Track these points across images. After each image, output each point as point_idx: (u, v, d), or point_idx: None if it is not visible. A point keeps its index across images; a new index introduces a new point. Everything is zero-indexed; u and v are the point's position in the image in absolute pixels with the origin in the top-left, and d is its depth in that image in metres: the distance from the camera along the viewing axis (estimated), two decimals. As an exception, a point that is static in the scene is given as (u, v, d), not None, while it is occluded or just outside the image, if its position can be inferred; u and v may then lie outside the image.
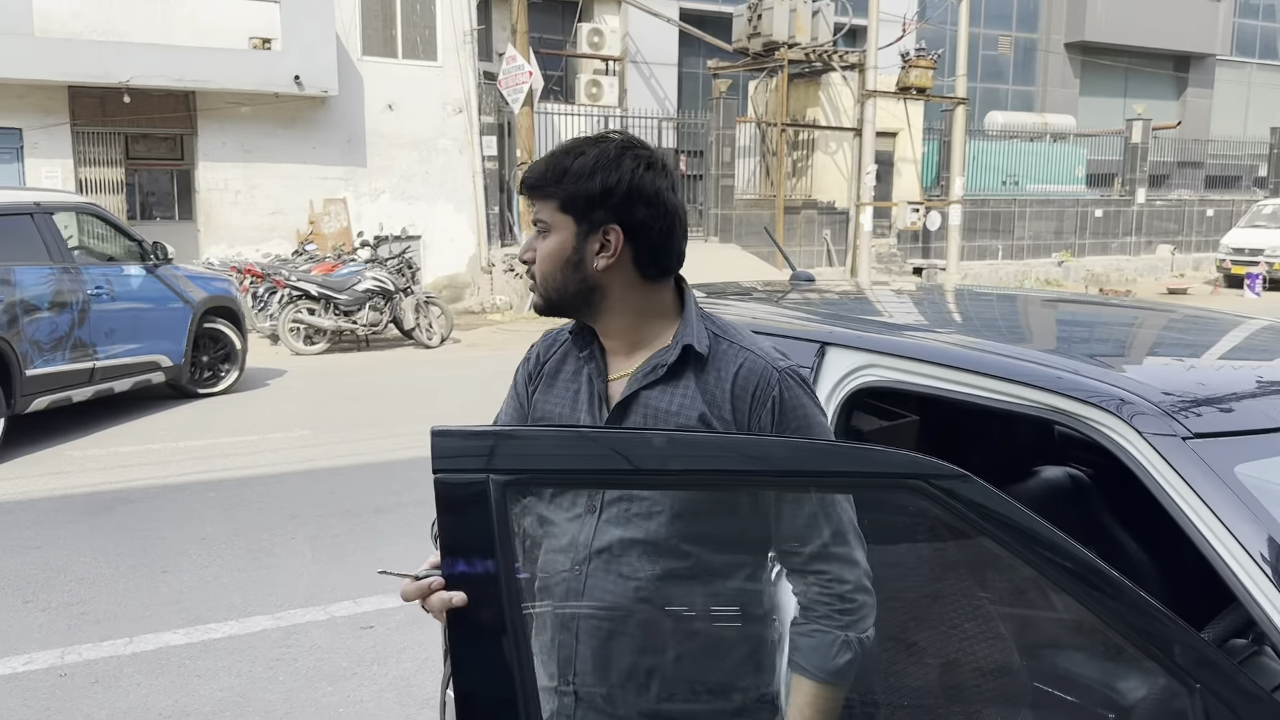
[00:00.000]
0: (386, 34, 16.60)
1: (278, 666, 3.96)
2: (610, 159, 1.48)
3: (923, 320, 2.63)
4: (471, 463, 1.19)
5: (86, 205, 8.54)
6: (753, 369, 1.48)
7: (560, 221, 1.49)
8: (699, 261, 17.50)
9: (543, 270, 1.51)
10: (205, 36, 14.84)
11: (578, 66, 21.18)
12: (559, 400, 1.58)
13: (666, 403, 1.49)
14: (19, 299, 7.17)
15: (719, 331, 1.53)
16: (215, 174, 15.70)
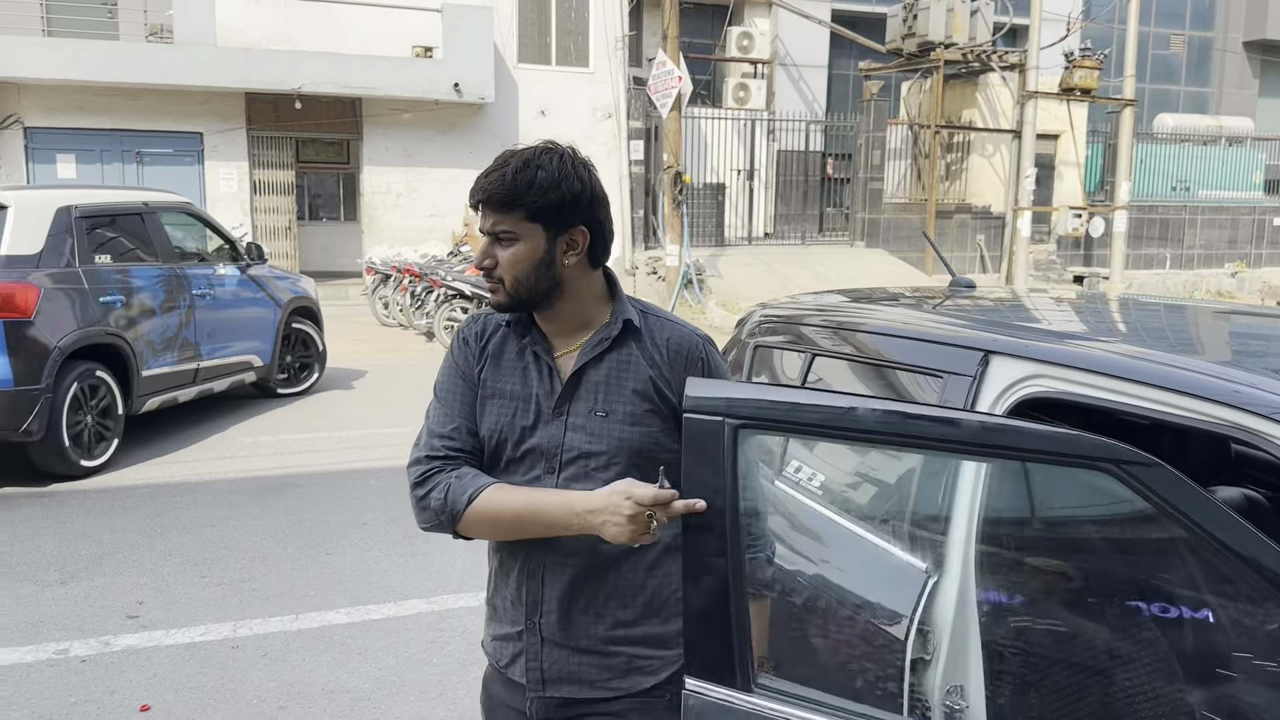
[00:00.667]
0: (541, 42, 17.01)
1: (431, 649, 4.12)
2: (570, 169, 1.66)
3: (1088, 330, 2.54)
4: (713, 406, 1.51)
5: (185, 204, 8.36)
6: (681, 336, 1.76)
7: (528, 230, 1.66)
8: (842, 266, 17.31)
9: (514, 274, 1.68)
10: (371, 45, 15.55)
11: (726, 70, 21.19)
12: (508, 377, 1.78)
13: (617, 371, 1.73)
14: (137, 300, 7.11)
15: (643, 309, 1.80)
16: (379, 178, 16.40)
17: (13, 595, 4.62)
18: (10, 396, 6.01)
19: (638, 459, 1.70)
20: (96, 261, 6.80)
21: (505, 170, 1.64)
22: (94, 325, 6.60)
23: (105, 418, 6.72)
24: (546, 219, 1.66)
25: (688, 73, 15.46)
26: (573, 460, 1.70)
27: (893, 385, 2.36)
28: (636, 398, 1.72)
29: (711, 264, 16.96)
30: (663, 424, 1.73)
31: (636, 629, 1.75)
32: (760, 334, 2.86)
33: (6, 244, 6.18)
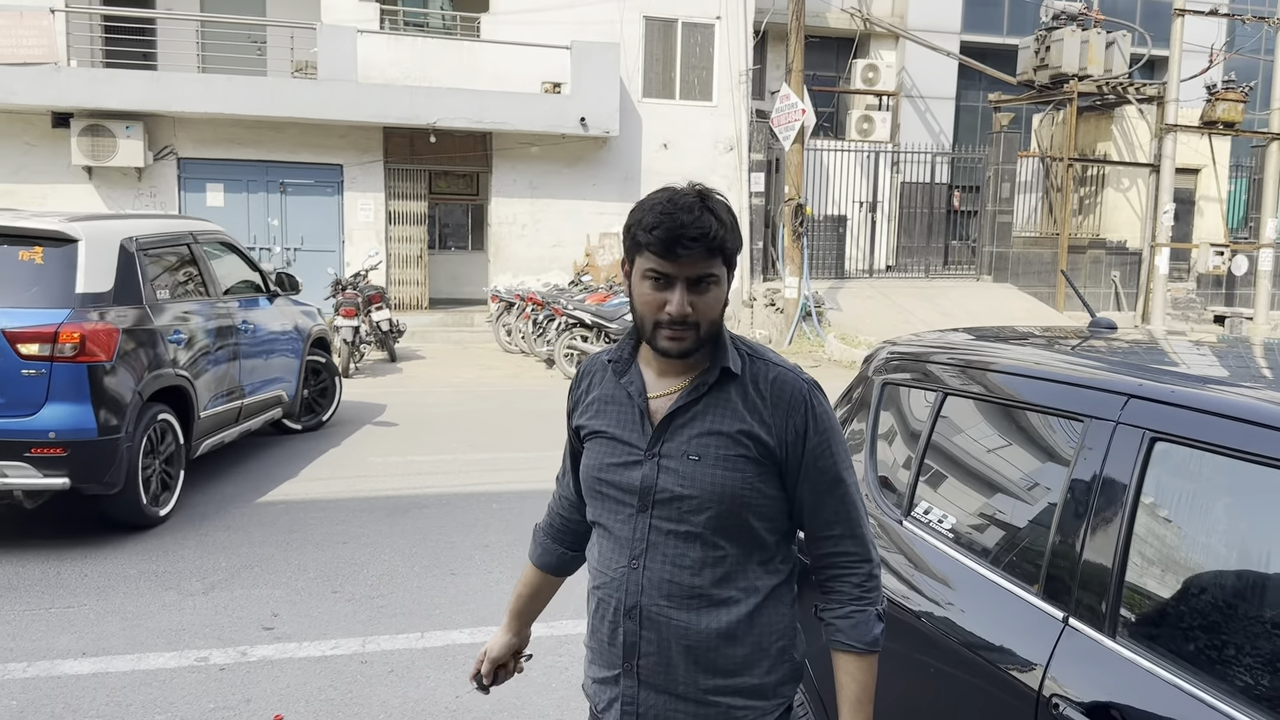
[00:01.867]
0: (666, 76, 17.25)
1: (551, 673, 4.19)
2: (731, 208, 1.69)
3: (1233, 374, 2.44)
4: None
5: (220, 233, 7.76)
6: (785, 381, 1.73)
7: (723, 272, 1.67)
8: (968, 300, 16.92)
9: (711, 318, 1.67)
10: (503, 81, 16.02)
11: (849, 102, 21.07)
12: (605, 417, 1.79)
13: (713, 415, 1.71)
14: (196, 338, 6.63)
15: (749, 351, 1.77)
16: (505, 209, 16.84)
17: (159, 602, 4.89)
18: (95, 447, 5.53)
19: (731, 504, 1.68)
20: (158, 296, 6.34)
21: (705, 212, 1.62)
22: (165, 367, 6.16)
23: (169, 464, 6.28)
24: (730, 261, 1.68)
25: (811, 105, 15.43)
26: (665, 501, 1.70)
27: (1028, 428, 2.31)
28: (730, 442, 1.69)
29: (831, 297, 16.81)
30: (758, 470, 1.69)
31: (737, 679, 1.72)
32: (888, 371, 2.84)
33: (82, 281, 5.68)
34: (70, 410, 5.46)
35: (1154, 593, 1.81)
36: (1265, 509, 1.69)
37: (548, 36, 16.13)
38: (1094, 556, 1.88)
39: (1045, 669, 1.87)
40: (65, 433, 5.43)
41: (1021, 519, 2.22)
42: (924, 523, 2.47)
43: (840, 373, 12.24)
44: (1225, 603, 1.71)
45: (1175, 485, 1.84)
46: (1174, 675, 1.67)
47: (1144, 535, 1.83)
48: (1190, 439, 1.78)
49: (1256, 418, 1.70)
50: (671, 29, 17.15)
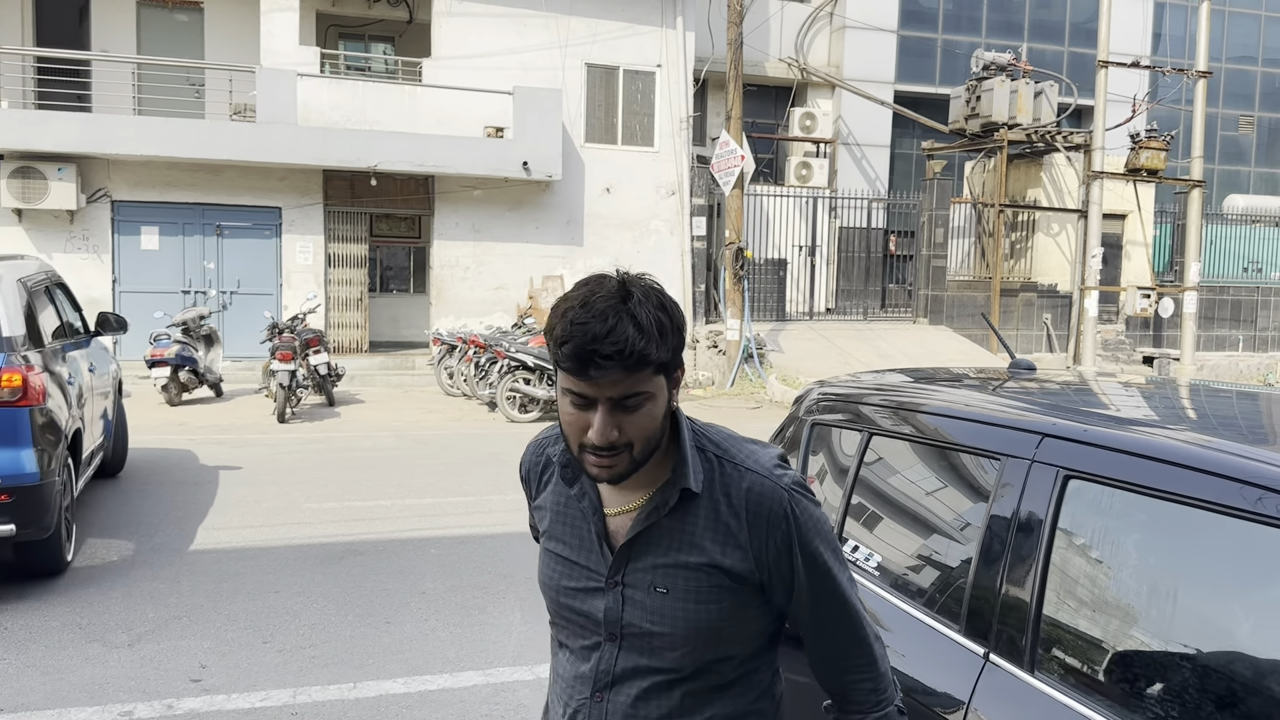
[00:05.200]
0: (608, 122, 17.42)
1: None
2: (666, 301, 1.44)
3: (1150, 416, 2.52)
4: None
5: (54, 271, 7.35)
6: (761, 491, 1.49)
7: (656, 384, 1.42)
8: (905, 343, 17.22)
9: (645, 437, 1.44)
10: (445, 125, 16.06)
11: (788, 149, 21.46)
12: (559, 526, 1.60)
13: (678, 541, 1.50)
14: (77, 381, 6.51)
15: (718, 452, 1.53)
16: (448, 252, 16.81)
17: (82, 655, 4.73)
18: (37, 491, 5.41)
19: (708, 638, 1.50)
20: (45, 339, 6.21)
21: (622, 319, 1.37)
22: (71, 409, 6.13)
23: (70, 505, 6.15)
24: (667, 369, 1.43)
25: (750, 152, 15.70)
26: (636, 636, 1.52)
27: (951, 466, 2.35)
28: (700, 574, 1.49)
29: (772, 339, 16.98)
30: (735, 599, 1.50)
31: None
32: (818, 411, 2.88)
33: (5, 325, 5.58)
34: (14, 455, 5.38)
35: (1071, 627, 1.85)
36: (1176, 544, 1.74)
37: (490, 81, 16.24)
38: (1012, 592, 1.91)
39: (967, 706, 1.89)
40: (10, 478, 5.34)
41: (945, 556, 2.26)
42: (851, 561, 2.50)
43: (781, 414, 12.32)
44: (1138, 636, 1.75)
45: (1089, 521, 1.88)
46: (1091, 710, 1.70)
47: (1060, 570, 1.87)
48: (1103, 476, 1.83)
49: (1167, 456, 1.75)
50: (613, 76, 17.37)
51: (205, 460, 9.28)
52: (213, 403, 13.16)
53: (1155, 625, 1.73)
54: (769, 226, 19.15)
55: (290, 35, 15.91)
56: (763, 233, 18.98)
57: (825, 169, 20.81)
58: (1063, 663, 1.82)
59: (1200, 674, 1.60)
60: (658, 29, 17.47)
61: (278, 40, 15.84)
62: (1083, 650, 1.82)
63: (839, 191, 20.28)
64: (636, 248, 17.40)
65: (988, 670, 1.91)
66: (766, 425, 10.00)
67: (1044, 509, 1.90)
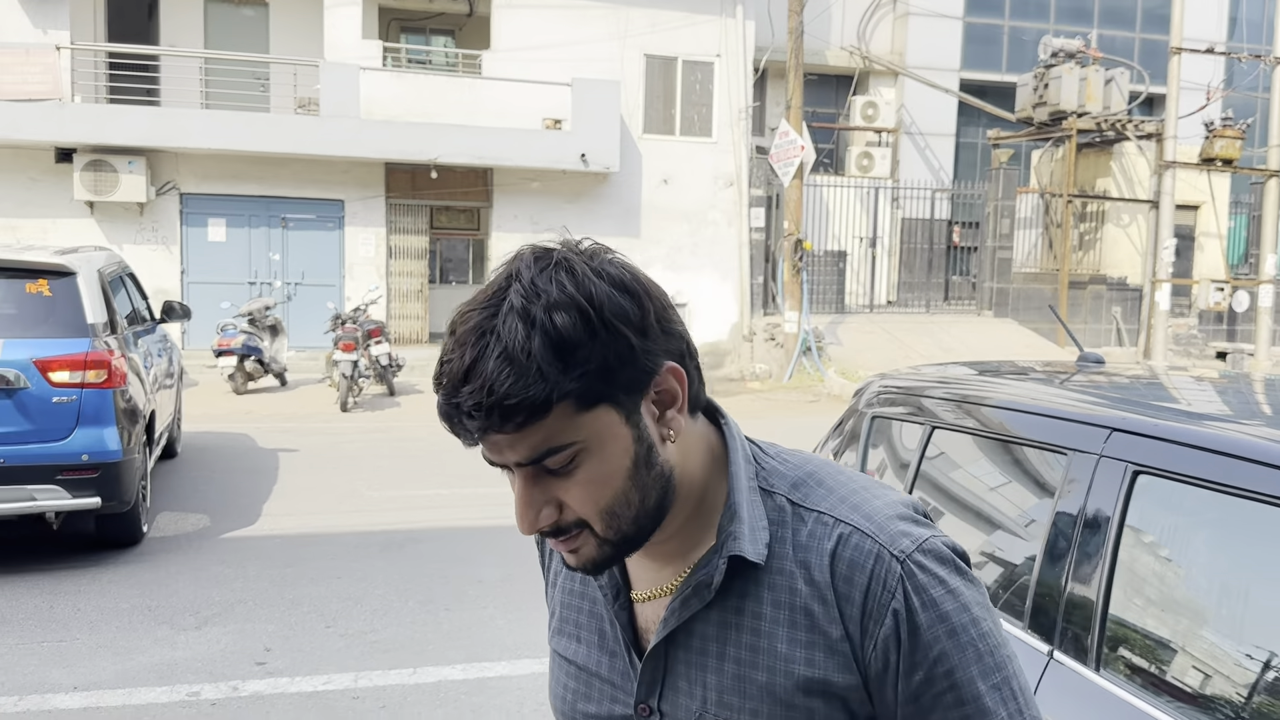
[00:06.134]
0: (666, 113, 17.39)
1: (541, 710, 4.15)
2: (598, 287, 0.92)
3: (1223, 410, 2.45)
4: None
5: (124, 262, 7.73)
6: (854, 558, 0.95)
7: (595, 426, 0.91)
8: (968, 335, 16.94)
9: (604, 506, 0.94)
10: (504, 117, 16.16)
11: (849, 139, 21.24)
12: (570, 619, 1.13)
13: (738, 640, 0.99)
14: (153, 362, 6.99)
15: (794, 495, 1.00)
16: (506, 243, 16.91)
17: (151, 637, 4.86)
18: (120, 467, 5.82)
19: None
20: (120, 325, 6.58)
21: (487, 354, 0.88)
22: (147, 391, 6.62)
23: (146, 482, 6.65)
24: (611, 390, 0.91)
25: (810, 142, 15.55)
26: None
27: (1016, 461, 2.31)
28: (776, 704, 0.97)
29: (831, 331, 16.84)
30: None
31: None
32: (879, 404, 2.85)
33: (89, 312, 5.91)
34: (100, 433, 5.75)
35: (1138, 625, 1.81)
36: (1249, 542, 1.68)
37: (549, 74, 16.29)
38: (1078, 589, 1.87)
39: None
40: (96, 454, 5.71)
41: (1009, 552, 2.22)
42: None
43: (840, 408, 12.21)
44: (1208, 636, 1.70)
45: (1158, 518, 1.83)
46: (1159, 710, 1.66)
47: (1128, 568, 1.83)
48: (1173, 472, 1.78)
49: (1240, 452, 1.70)
50: (671, 66, 17.32)
51: (270, 447, 9.47)
52: (277, 391, 13.42)
53: (1226, 625, 1.68)
54: (829, 217, 18.98)
55: (353, 29, 16.13)
56: (822, 224, 18.81)
57: (887, 159, 20.55)
58: (1130, 662, 1.78)
59: (1272, 676, 1.55)
60: (717, 18, 17.38)
61: (341, 34, 16.06)
62: (1150, 650, 1.77)
63: (901, 182, 20.02)
64: (693, 239, 17.36)
65: (1051, 668, 1.88)
66: (824, 420, 9.92)
67: (1112, 505, 1.86)
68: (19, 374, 5.54)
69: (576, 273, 0.93)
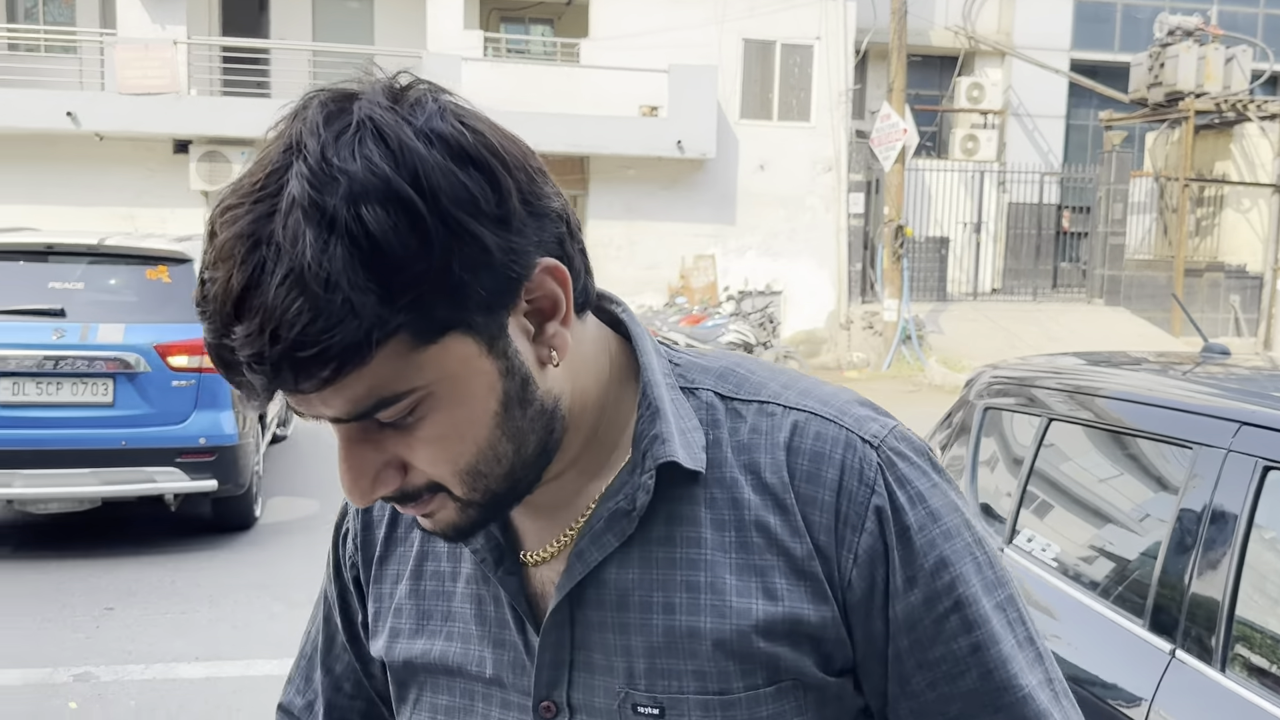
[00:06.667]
0: (764, 98, 17.25)
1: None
2: (428, 164, 0.67)
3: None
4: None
5: None
6: (820, 445, 0.74)
7: (437, 364, 0.66)
8: (1078, 324, 16.43)
9: (470, 465, 0.70)
10: (601, 106, 16.24)
11: (953, 121, 20.76)
12: (439, 630, 0.83)
13: (669, 603, 0.74)
14: None
15: (722, 387, 0.79)
16: (602, 231, 17.03)
17: (266, 612, 5.06)
18: (236, 450, 5.96)
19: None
20: None
21: (269, 278, 0.62)
22: None
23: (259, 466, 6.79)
24: (461, 313, 0.67)
25: (913, 125, 15.25)
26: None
27: (1135, 454, 2.25)
28: (729, 651, 0.74)
29: (932, 320, 16.51)
30: (798, 702, 0.75)
31: None
32: (990, 395, 2.79)
33: None
34: (217, 417, 5.89)
35: (1265, 626, 1.74)
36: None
37: (646, 60, 16.30)
38: (1203, 588, 1.81)
39: (1151, 703, 1.81)
40: (214, 438, 5.85)
41: (1129, 549, 2.16)
42: (1026, 551, 2.42)
43: (941, 398, 11.99)
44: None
45: None
46: (1291, 716, 1.60)
47: (1255, 567, 1.76)
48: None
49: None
50: (770, 50, 17.16)
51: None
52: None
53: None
54: (931, 202, 18.59)
55: (455, 19, 16.40)
56: (924, 209, 18.44)
57: (993, 141, 20.01)
58: (1256, 663, 1.71)
59: None
60: (817, 1, 17.15)
61: (443, 25, 16.34)
62: (1278, 650, 1.71)
63: (1008, 165, 19.49)
64: (790, 225, 17.19)
65: (1173, 667, 1.82)
66: (925, 410, 9.76)
67: (1240, 502, 1.79)
68: (140, 358, 5.71)
69: (390, 138, 0.64)
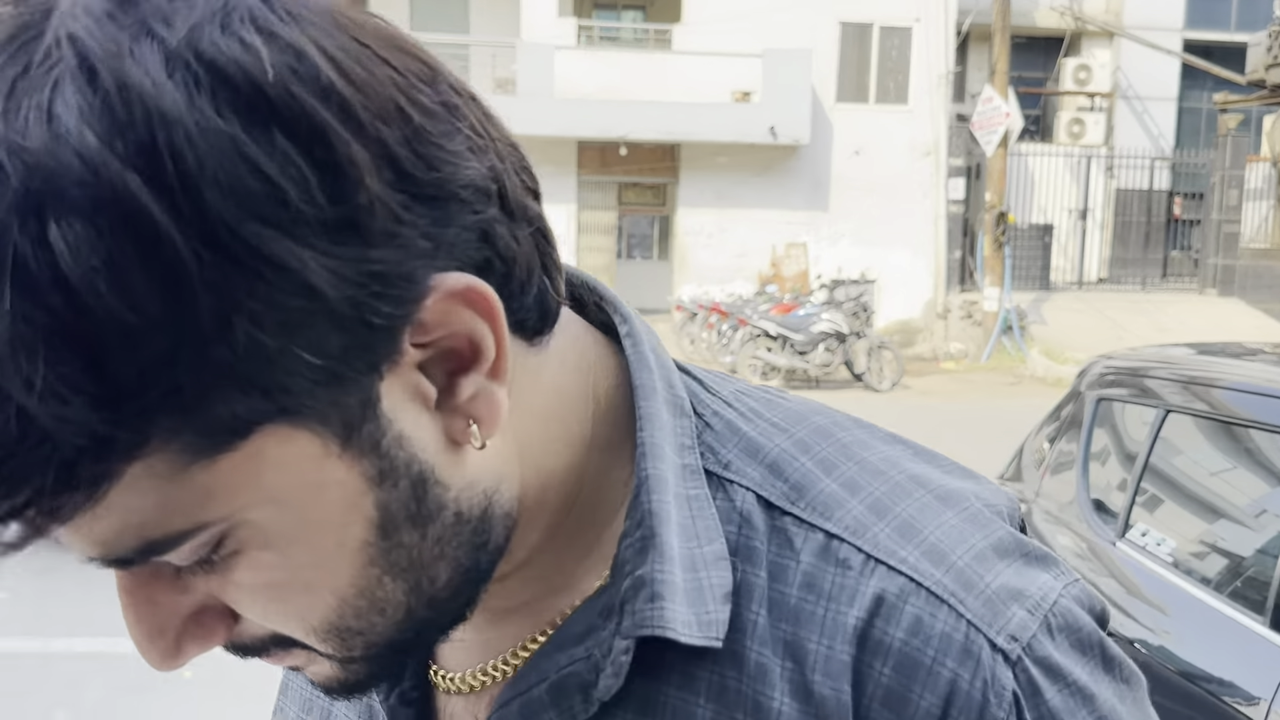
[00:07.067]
0: (860, 82, 16.93)
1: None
2: (157, 133, 0.32)
3: None
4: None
5: None
6: (919, 640, 0.42)
7: (246, 479, 0.37)
8: (1189, 316, 15.73)
9: (330, 622, 0.41)
10: (693, 92, 16.13)
11: (1058, 104, 20.09)
12: (309, 716, 0.58)
13: None
14: None
15: (772, 490, 0.46)
16: (692, 218, 16.96)
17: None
18: None
19: None
20: None
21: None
22: None
23: None
24: (273, 395, 0.35)
25: (1017, 108, 14.78)
26: None
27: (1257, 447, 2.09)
28: None
29: (1034, 310, 16.00)
30: None
31: None
32: (1103, 386, 2.64)
33: None
34: None
35: None
36: None
37: (739, 45, 16.11)
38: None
39: (1271, 702, 1.69)
40: None
41: (1247, 544, 2.03)
42: (1140, 546, 2.31)
43: (1044, 391, 11.61)
44: None
45: None
46: None
47: None
48: None
49: None
50: (867, 33, 16.81)
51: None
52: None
53: None
54: (1034, 188, 18.02)
55: (549, 7, 16.47)
56: (1027, 195, 17.88)
57: (1101, 125, 19.30)
58: None
59: None
60: (916, -17, 16.74)
61: (537, 13, 16.43)
62: None
63: (1116, 150, 18.78)
64: (885, 212, 16.82)
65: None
66: (1028, 403, 9.46)
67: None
68: None
69: (105, 78, 0.33)
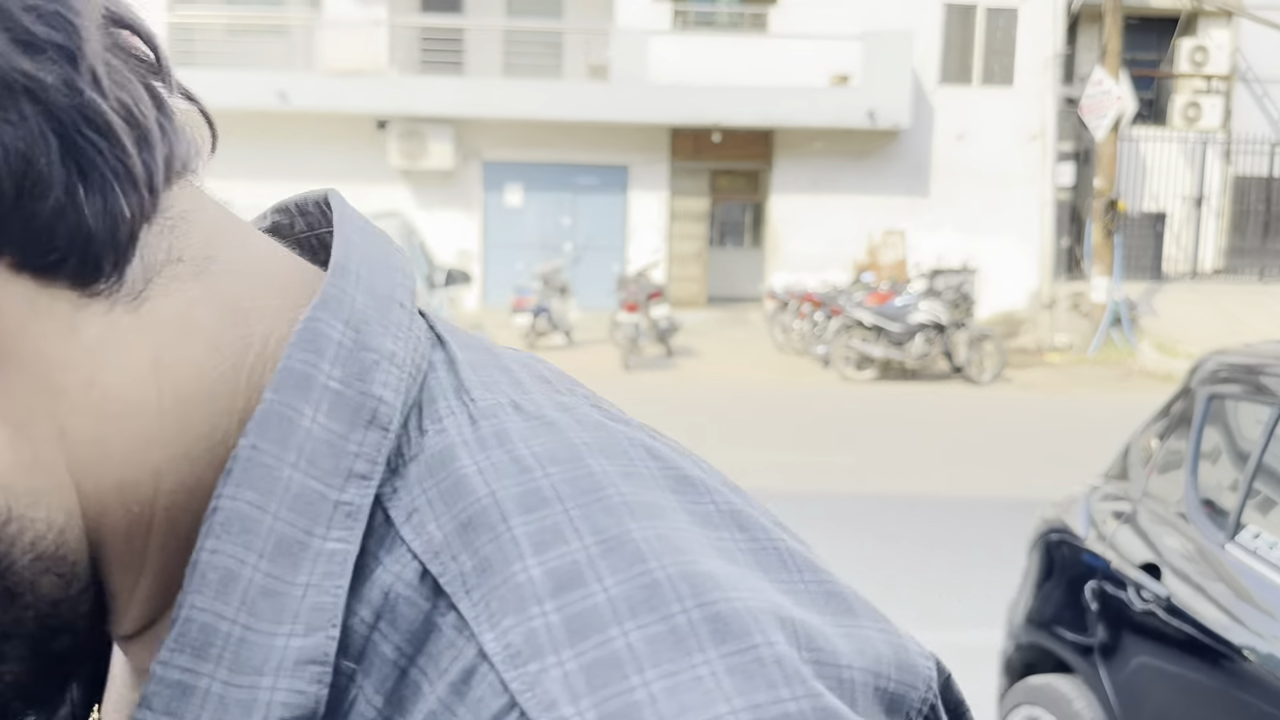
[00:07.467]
0: (963, 63, 16.41)
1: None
2: None
3: None
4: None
5: (411, 224, 8.35)
6: None
7: None
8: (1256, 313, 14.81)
9: None
10: (789, 76, 15.83)
11: (1173, 86, 19.16)
12: None
13: None
14: None
15: (446, 565, 0.30)
16: (785, 205, 16.67)
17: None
18: None
19: None
20: None
21: None
22: None
23: None
24: None
25: (1129, 91, 14.12)
26: None
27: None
28: None
29: (1145, 301, 15.30)
30: None
31: None
32: (1216, 383, 2.43)
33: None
34: None
35: None
36: None
37: (836, 27, 15.75)
38: None
39: None
40: None
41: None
42: (1251, 549, 2.12)
43: (1154, 386, 11.07)
44: None
45: None
46: None
47: None
48: None
49: None
50: (971, 14, 16.26)
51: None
52: (564, 349, 13.95)
53: None
54: (1147, 174, 17.23)
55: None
56: (1138, 181, 17.10)
57: (1218, 109, 18.33)
58: None
59: None
60: (1023, -39, 16.13)
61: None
62: None
63: (1234, 134, 17.83)
64: (989, 198, 16.27)
65: None
66: (1137, 399, 9.01)
67: None
68: None
69: None
